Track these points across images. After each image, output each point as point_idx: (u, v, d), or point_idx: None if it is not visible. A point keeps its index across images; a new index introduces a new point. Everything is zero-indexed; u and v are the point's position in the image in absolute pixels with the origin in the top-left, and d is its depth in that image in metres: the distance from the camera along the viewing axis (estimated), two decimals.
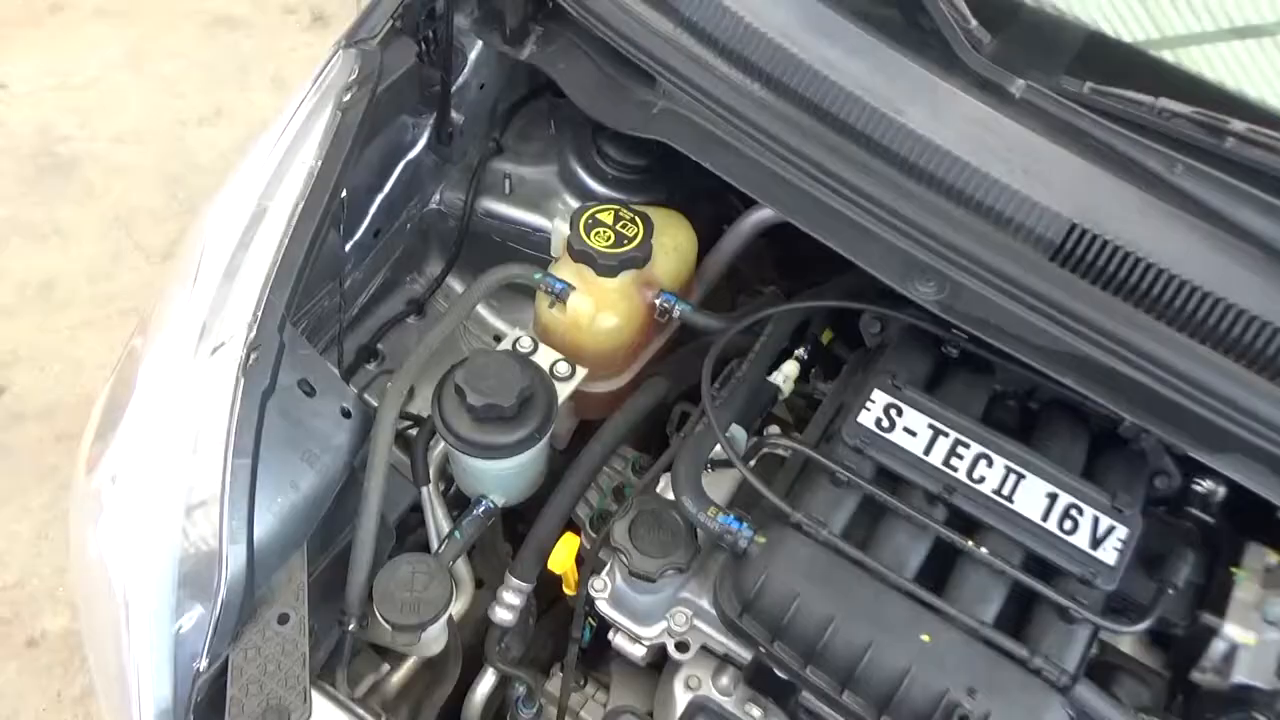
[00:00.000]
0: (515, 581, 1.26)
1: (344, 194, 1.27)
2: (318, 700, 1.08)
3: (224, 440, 1.08)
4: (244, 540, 1.06)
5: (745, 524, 1.07)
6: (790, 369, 1.31)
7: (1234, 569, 1.08)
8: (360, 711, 1.10)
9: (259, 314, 1.12)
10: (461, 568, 1.37)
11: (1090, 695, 0.96)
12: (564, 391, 1.29)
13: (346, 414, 1.19)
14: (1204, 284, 1.01)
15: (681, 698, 1.18)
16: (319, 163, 1.19)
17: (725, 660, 1.25)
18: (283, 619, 1.10)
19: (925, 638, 0.99)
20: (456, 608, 1.36)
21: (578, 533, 1.27)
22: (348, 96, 1.24)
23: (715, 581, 1.10)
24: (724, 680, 1.24)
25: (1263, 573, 1.08)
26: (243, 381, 1.09)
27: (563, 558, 1.18)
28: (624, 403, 1.33)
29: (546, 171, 1.60)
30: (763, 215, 1.43)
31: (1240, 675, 1.04)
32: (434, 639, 1.24)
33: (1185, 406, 1.00)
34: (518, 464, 1.24)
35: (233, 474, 1.07)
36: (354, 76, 1.26)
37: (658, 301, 1.33)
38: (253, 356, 1.10)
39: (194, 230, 1.24)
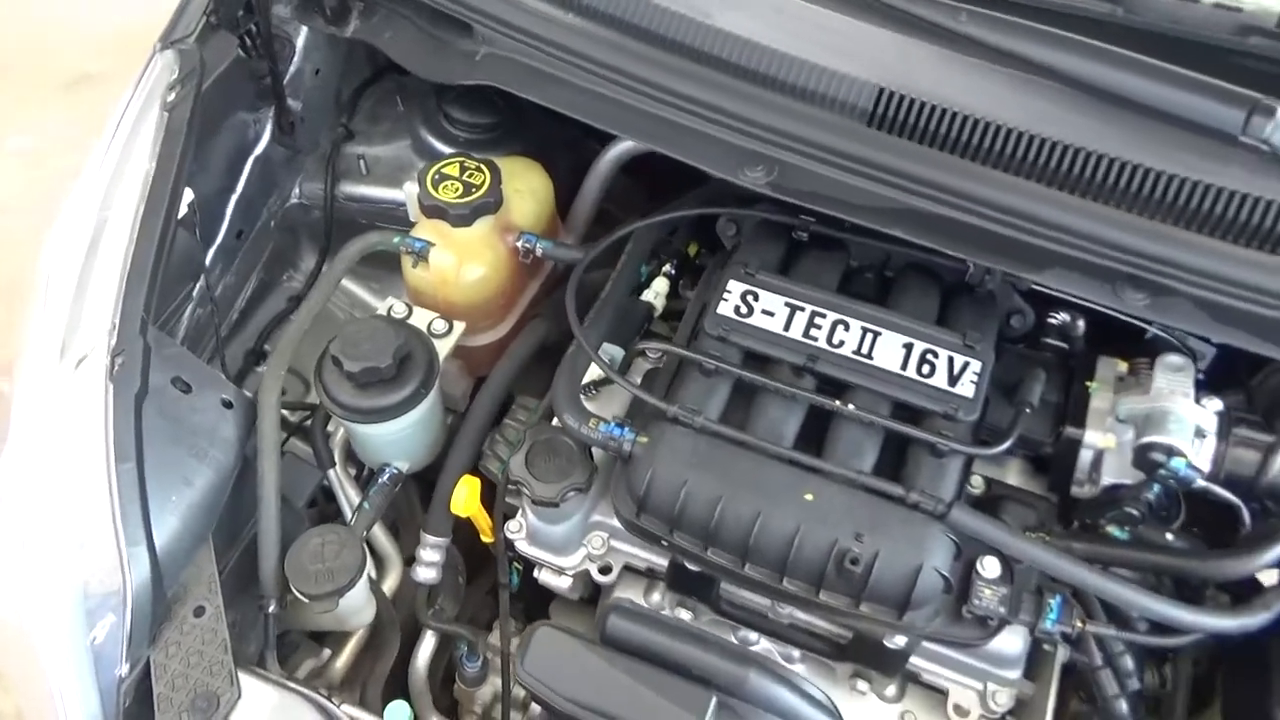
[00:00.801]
0: (428, 537, 1.28)
1: (191, 197, 1.28)
2: (250, 683, 1.09)
3: (104, 449, 1.08)
4: (143, 543, 1.07)
5: (626, 429, 1.10)
6: (660, 285, 1.35)
7: (1089, 383, 1.14)
8: (294, 687, 1.11)
9: (116, 320, 1.12)
10: (386, 544, 1.39)
11: (966, 517, 1.01)
12: (444, 347, 1.31)
13: (228, 405, 1.20)
14: (1005, 121, 1.07)
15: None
16: (153, 164, 1.20)
17: (651, 576, 1.29)
18: (198, 611, 1.11)
19: (809, 497, 1.03)
20: (388, 584, 1.38)
21: (493, 488, 1.29)
22: (171, 96, 1.24)
23: (611, 490, 1.14)
24: (655, 597, 1.28)
25: (1114, 381, 1.14)
26: (112, 388, 1.10)
27: (464, 499, 1.21)
28: (507, 349, 1.36)
29: (400, 147, 1.62)
30: (619, 150, 1.46)
31: (1108, 478, 1.11)
32: (359, 609, 1.26)
33: (1005, 235, 1.05)
34: (410, 424, 1.26)
35: (119, 480, 1.07)
36: (175, 76, 1.26)
37: (519, 244, 1.36)
38: (118, 362, 1.11)
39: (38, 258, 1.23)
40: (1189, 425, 1.04)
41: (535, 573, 1.32)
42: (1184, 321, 1.01)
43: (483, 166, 1.33)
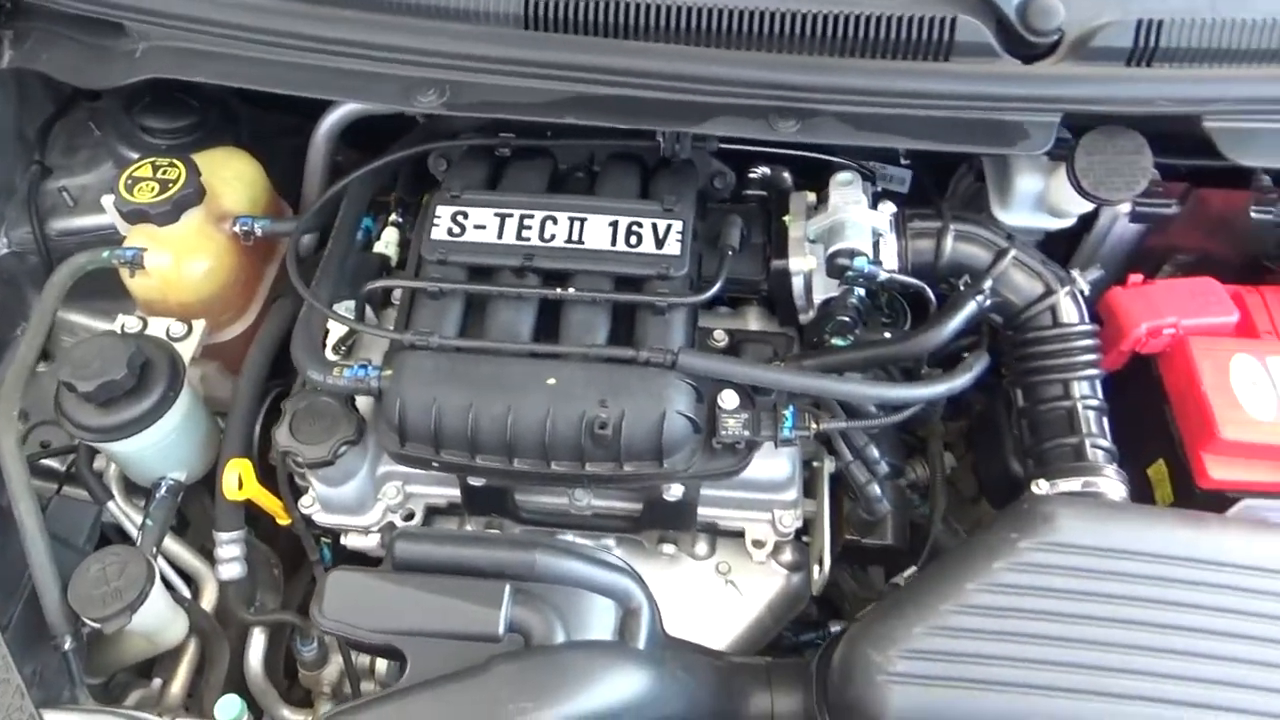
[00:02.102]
0: (220, 534, 1.28)
1: None
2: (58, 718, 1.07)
3: None
4: None
5: (370, 367, 1.13)
6: (390, 235, 1.37)
7: (784, 218, 1.25)
8: (108, 710, 1.10)
9: None
10: (193, 560, 1.37)
11: (693, 360, 1.10)
12: (189, 349, 1.29)
13: None
14: None
15: None
16: None
17: (456, 510, 1.33)
18: None
19: (551, 381, 1.09)
20: (206, 597, 1.37)
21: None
22: None
23: (373, 431, 1.17)
24: (467, 529, 1.32)
25: (806, 211, 1.25)
26: None
27: (232, 485, 1.21)
28: (256, 335, 1.35)
29: (103, 171, 1.56)
30: (331, 122, 1.46)
31: (819, 295, 1.22)
32: (166, 625, 1.25)
33: (668, 99, 1.14)
34: (169, 431, 1.24)
35: None
36: None
37: (237, 229, 1.35)
38: None
39: None
40: (865, 228, 1.16)
41: (343, 540, 1.34)
42: (831, 136, 1.11)
43: (175, 162, 1.31)
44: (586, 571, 1.08)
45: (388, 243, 1.36)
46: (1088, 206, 1.21)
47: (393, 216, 1.39)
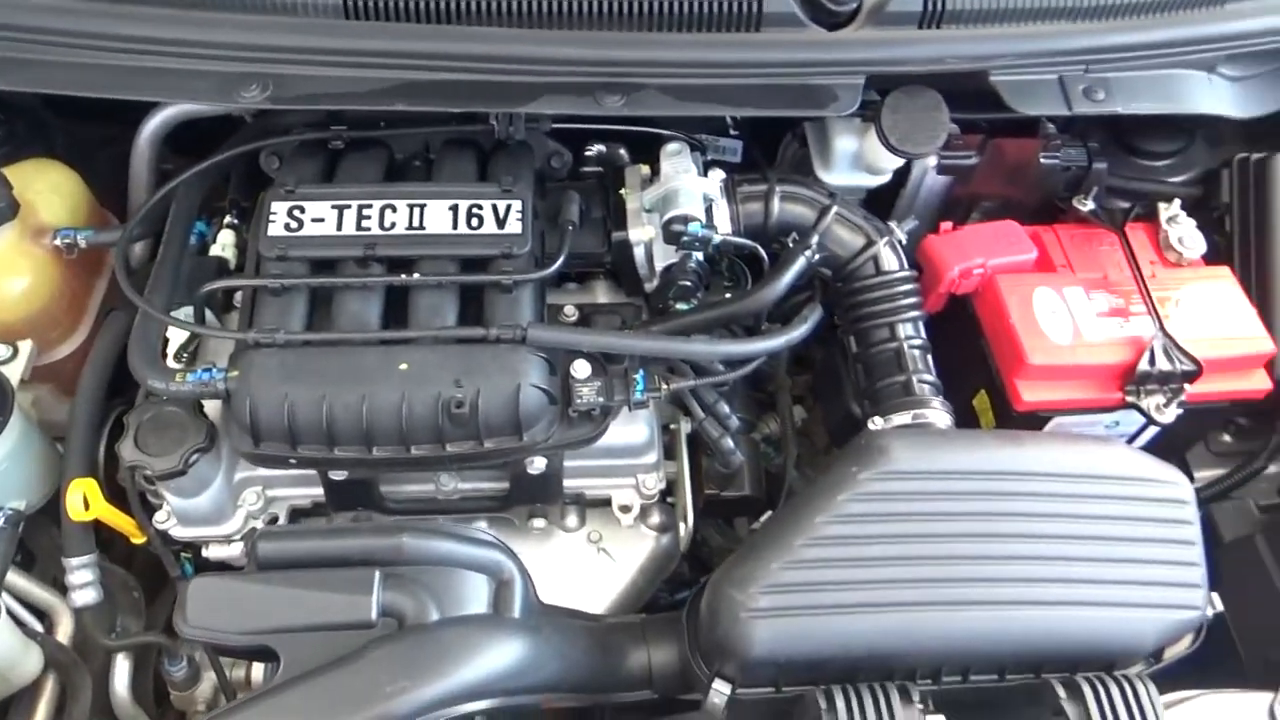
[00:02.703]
0: (69, 561, 1.23)
1: None
2: None
3: None
4: None
5: (214, 370, 1.11)
6: (226, 237, 1.34)
7: (621, 191, 1.29)
8: None
9: None
10: (44, 594, 1.31)
11: (541, 333, 1.13)
12: (15, 371, 1.23)
13: None
14: None
15: None
16: None
17: (319, 511, 1.32)
18: None
19: (404, 366, 1.10)
20: (62, 630, 1.31)
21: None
22: None
23: (226, 435, 1.15)
24: None
25: (641, 183, 1.30)
26: None
27: (78, 506, 1.16)
28: (90, 352, 1.30)
29: None
30: (153, 125, 1.41)
31: (660, 263, 1.26)
32: (15, 662, 1.19)
33: (494, 81, 1.16)
34: (1, 459, 1.19)
35: None
36: None
37: (58, 242, 1.29)
38: None
39: None
40: (696, 195, 1.21)
41: (204, 553, 1.30)
42: (656, 108, 1.16)
43: None
44: (455, 549, 1.09)
45: (224, 245, 1.33)
46: (898, 162, 1.30)
47: (228, 218, 1.36)
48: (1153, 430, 1.30)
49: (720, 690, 1.03)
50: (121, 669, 1.31)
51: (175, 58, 1.18)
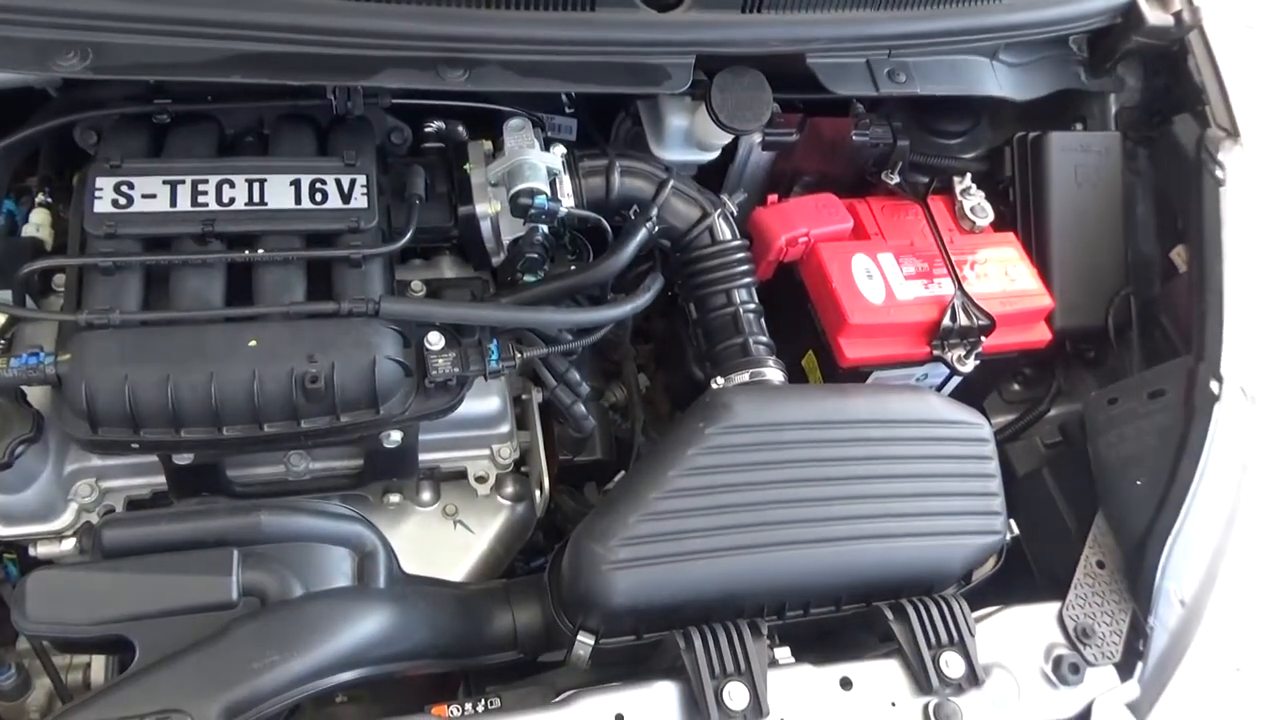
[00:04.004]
0: None
1: None
2: None
3: None
4: None
5: (41, 354, 1.05)
6: (40, 216, 1.26)
7: (465, 166, 1.31)
8: None
9: None
10: None
11: (394, 306, 1.14)
12: None
13: None
14: None
15: None
16: None
17: (160, 500, 1.27)
18: None
19: (252, 343, 1.08)
20: None
21: None
22: None
23: (57, 423, 1.09)
24: None
25: (485, 158, 1.32)
26: None
27: None
28: None
29: None
30: None
31: (507, 236, 1.30)
32: None
33: (335, 54, 1.15)
34: None
35: None
36: None
37: None
38: None
39: None
40: (540, 168, 1.25)
41: (31, 552, 1.23)
42: (499, 84, 1.19)
43: None
44: (314, 524, 1.09)
45: (38, 225, 1.25)
46: (727, 138, 1.38)
47: (40, 197, 1.28)
48: (956, 380, 1.46)
49: (585, 642, 1.09)
50: None
51: None
